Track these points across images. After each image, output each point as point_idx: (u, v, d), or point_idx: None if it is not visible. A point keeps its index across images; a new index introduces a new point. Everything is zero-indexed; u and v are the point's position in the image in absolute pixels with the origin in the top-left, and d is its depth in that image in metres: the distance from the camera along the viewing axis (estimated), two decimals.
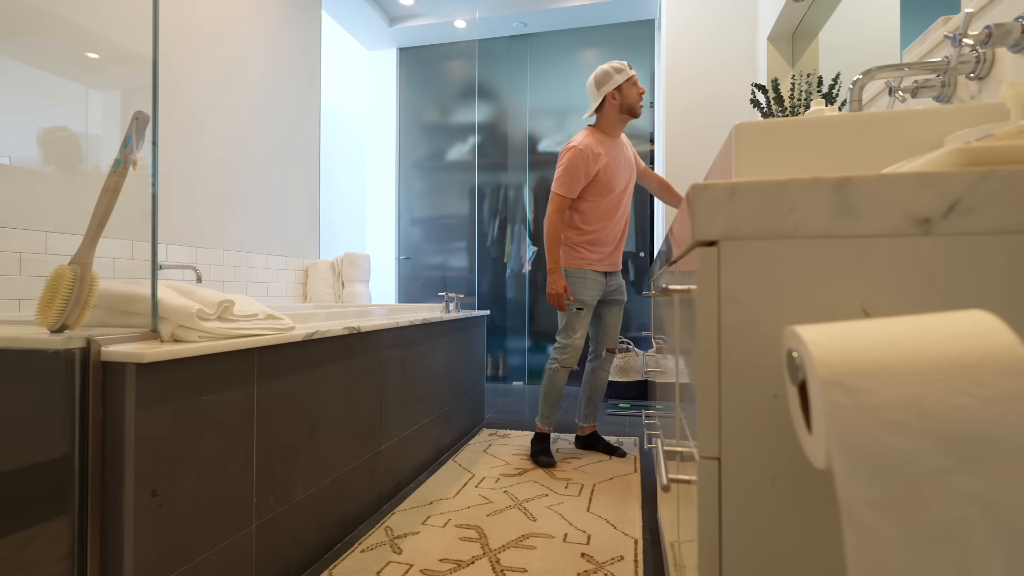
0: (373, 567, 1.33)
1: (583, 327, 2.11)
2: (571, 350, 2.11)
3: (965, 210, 0.38)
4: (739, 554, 0.42)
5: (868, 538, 0.27)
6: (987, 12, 0.89)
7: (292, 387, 1.29)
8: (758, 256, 0.42)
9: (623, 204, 2.12)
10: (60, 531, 0.91)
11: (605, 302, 2.20)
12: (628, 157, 2.12)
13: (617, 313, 2.22)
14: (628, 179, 2.11)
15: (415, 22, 3.81)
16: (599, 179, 2.04)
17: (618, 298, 2.21)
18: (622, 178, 2.08)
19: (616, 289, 2.20)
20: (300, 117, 2.94)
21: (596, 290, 2.12)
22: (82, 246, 1.03)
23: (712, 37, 2.90)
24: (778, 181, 0.42)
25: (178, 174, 2.13)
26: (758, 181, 0.42)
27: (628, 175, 2.11)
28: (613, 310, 2.21)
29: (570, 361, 2.12)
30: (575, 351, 2.11)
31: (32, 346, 0.93)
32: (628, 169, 2.11)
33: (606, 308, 2.20)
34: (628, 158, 2.12)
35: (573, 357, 2.12)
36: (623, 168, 2.08)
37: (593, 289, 2.12)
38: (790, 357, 0.34)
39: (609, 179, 2.05)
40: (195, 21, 2.22)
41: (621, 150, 2.08)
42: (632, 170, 2.13)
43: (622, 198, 2.11)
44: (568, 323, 2.12)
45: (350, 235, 4.04)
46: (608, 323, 2.21)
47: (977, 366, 0.27)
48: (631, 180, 2.13)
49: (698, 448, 0.44)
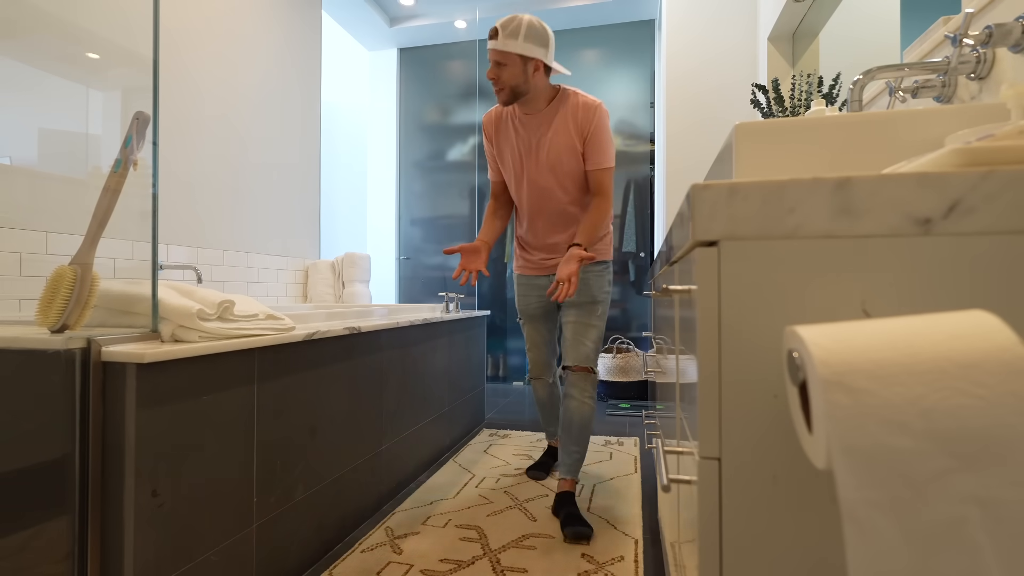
0: (373, 567, 1.33)
1: (530, 339, 1.86)
2: (530, 362, 1.90)
3: (966, 210, 0.38)
4: (739, 554, 0.42)
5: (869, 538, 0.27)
6: (987, 12, 0.89)
7: (292, 387, 1.29)
8: (758, 256, 0.42)
9: (531, 195, 1.68)
10: (60, 531, 0.91)
11: (559, 308, 1.84)
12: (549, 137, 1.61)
13: (571, 321, 1.71)
14: (535, 163, 1.65)
15: (415, 22, 3.81)
16: (498, 157, 1.74)
17: (567, 300, 1.73)
18: (519, 162, 1.67)
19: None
20: (300, 117, 2.94)
21: (529, 296, 1.82)
22: (83, 246, 1.03)
23: (712, 37, 2.90)
24: (778, 181, 0.42)
25: (178, 174, 2.13)
26: (758, 181, 0.42)
27: (537, 158, 1.64)
28: (566, 317, 1.73)
29: (535, 373, 1.90)
30: (532, 363, 1.89)
31: (33, 346, 0.93)
32: (542, 150, 1.62)
33: (561, 315, 1.79)
34: (548, 138, 1.61)
35: (534, 369, 1.89)
36: (526, 148, 1.65)
37: (525, 296, 1.84)
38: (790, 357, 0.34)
39: (503, 163, 1.72)
40: (195, 21, 2.22)
41: (537, 128, 1.62)
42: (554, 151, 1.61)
43: (521, 187, 1.69)
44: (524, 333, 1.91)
45: (350, 235, 4.04)
46: (564, 333, 1.75)
47: (977, 366, 0.27)
48: (543, 165, 1.63)
49: (698, 448, 0.44)
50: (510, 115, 1.67)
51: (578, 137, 1.59)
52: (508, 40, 1.49)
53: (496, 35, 1.50)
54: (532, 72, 1.54)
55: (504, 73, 1.53)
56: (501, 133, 1.70)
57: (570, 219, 1.71)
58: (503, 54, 1.51)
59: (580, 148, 1.61)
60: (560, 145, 1.61)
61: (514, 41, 1.49)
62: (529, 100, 1.59)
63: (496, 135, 1.72)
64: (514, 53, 1.50)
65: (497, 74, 1.53)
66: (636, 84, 3.72)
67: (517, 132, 1.66)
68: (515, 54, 1.50)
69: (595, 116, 1.57)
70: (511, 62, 1.52)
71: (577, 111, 1.59)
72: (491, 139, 1.74)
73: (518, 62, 1.52)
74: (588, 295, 1.71)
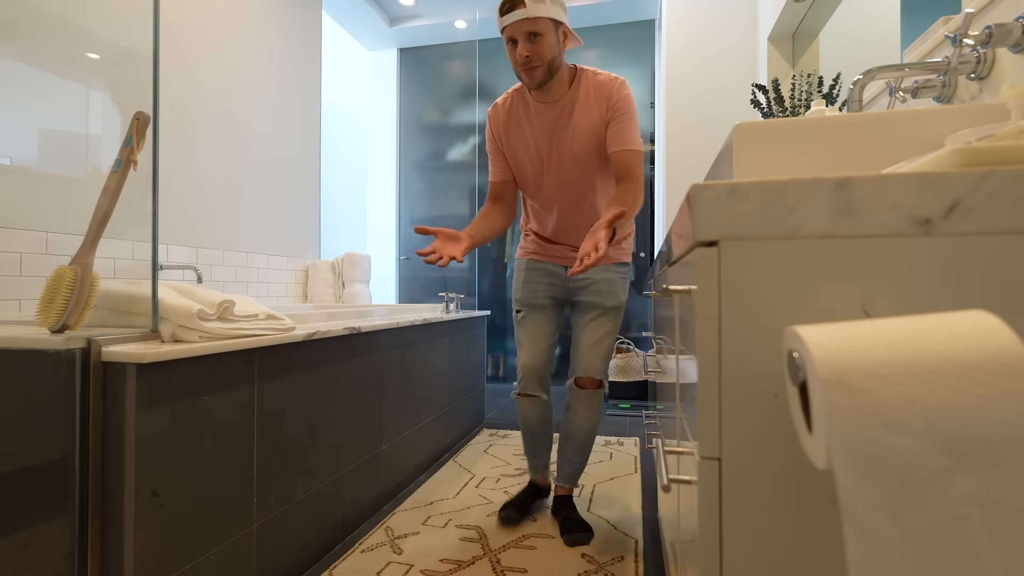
0: (373, 567, 1.33)
1: (528, 338, 1.56)
2: (521, 371, 1.56)
3: (966, 210, 0.38)
4: (739, 554, 0.42)
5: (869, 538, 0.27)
6: (987, 12, 0.89)
7: (292, 387, 1.29)
8: (758, 256, 0.42)
9: (555, 193, 1.49)
10: (61, 531, 0.91)
11: (575, 307, 1.58)
12: (572, 126, 1.42)
13: (590, 323, 1.52)
14: (558, 158, 1.45)
15: (415, 22, 3.81)
16: (508, 155, 1.53)
17: (588, 300, 1.52)
18: (539, 158, 1.47)
19: (585, 288, 1.53)
20: (300, 117, 2.94)
21: (538, 283, 1.57)
22: (83, 246, 1.03)
23: (712, 37, 2.90)
24: (778, 181, 0.42)
25: (179, 174, 2.13)
26: (758, 181, 0.42)
27: (560, 151, 1.44)
28: (584, 318, 1.53)
29: (523, 386, 1.56)
30: (524, 372, 1.55)
31: (33, 346, 0.93)
32: (566, 142, 1.43)
33: (575, 316, 1.58)
34: (571, 127, 1.42)
35: (525, 381, 1.56)
36: (545, 142, 1.45)
37: (532, 283, 1.57)
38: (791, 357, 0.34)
39: (516, 161, 1.51)
40: (195, 22, 2.22)
41: (558, 117, 1.42)
42: (579, 142, 1.42)
43: (541, 186, 1.49)
44: (516, 335, 1.62)
45: (350, 235, 4.04)
46: (577, 337, 1.54)
47: (978, 366, 0.27)
48: (569, 158, 1.44)
49: (698, 448, 0.44)
50: (520, 106, 1.48)
51: (602, 120, 1.40)
52: (538, 4, 1.27)
53: (520, 2, 1.27)
54: (563, 41, 1.36)
55: (541, 46, 1.30)
56: (512, 127, 1.49)
57: (600, 210, 1.51)
58: (536, 21, 1.28)
59: (605, 120, 1.40)
60: (586, 134, 1.40)
61: (543, 4, 1.28)
62: (551, 84, 1.38)
63: (506, 130, 1.50)
64: (547, 18, 1.29)
65: (533, 49, 1.30)
66: (636, 84, 3.72)
67: (532, 125, 1.46)
68: (549, 19, 1.29)
69: (620, 93, 1.38)
70: (546, 30, 1.29)
71: (601, 90, 1.39)
72: (499, 135, 1.52)
73: (552, 29, 1.31)
74: (614, 298, 1.52)
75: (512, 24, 1.30)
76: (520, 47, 1.31)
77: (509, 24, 1.30)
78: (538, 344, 1.56)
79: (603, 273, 1.53)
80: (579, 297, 1.56)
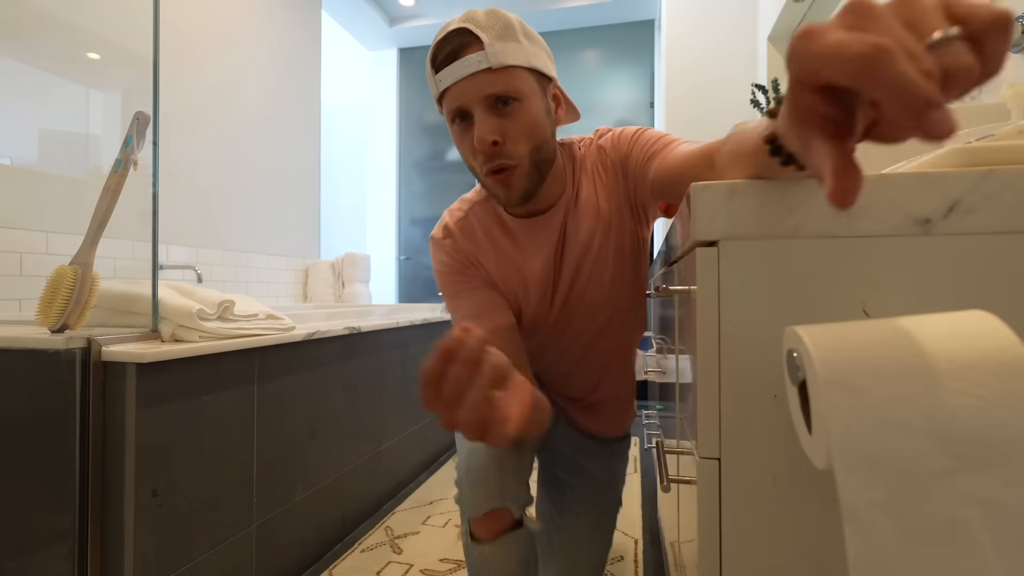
0: (373, 567, 1.33)
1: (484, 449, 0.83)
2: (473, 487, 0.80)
3: (966, 210, 0.38)
4: (739, 554, 0.42)
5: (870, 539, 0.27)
6: None
7: (292, 387, 1.29)
8: (758, 256, 0.42)
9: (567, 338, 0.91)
10: (60, 531, 0.91)
11: (555, 485, 1.05)
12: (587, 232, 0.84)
13: (580, 525, 1.01)
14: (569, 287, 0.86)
15: (415, 22, 3.81)
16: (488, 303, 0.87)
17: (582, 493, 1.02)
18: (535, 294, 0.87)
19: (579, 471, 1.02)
20: (300, 117, 2.94)
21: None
22: (83, 246, 1.03)
23: (712, 37, 2.90)
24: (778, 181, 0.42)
25: (179, 174, 2.13)
26: (758, 181, 0.42)
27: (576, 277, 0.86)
28: (571, 515, 1.01)
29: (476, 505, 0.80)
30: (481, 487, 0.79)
31: (33, 346, 0.93)
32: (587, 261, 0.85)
33: (554, 498, 1.05)
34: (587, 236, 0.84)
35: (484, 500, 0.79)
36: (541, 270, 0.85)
37: None
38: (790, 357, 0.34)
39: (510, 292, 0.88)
40: (196, 21, 2.22)
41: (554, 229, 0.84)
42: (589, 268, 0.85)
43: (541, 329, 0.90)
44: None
45: (350, 235, 4.04)
46: (562, 538, 1.01)
47: (978, 366, 0.27)
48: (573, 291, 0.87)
49: (698, 448, 0.44)
50: (490, 226, 0.87)
51: (628, 203, 0.83)
52: (507, 43, 0.68)
53: (470, 44, 0.68)
54: (555, 108, 0.79)
55: (519, 120, 0.70)
56: (485, 256, 0.88)
57: (632, 348, 0.98)
58: (508, 75, 0.68)
59: (634, 200, 0.83)
60: (608, 246, 0.84)
61: (516, 44, 0.69)
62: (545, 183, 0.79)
63: (480, 258, 0.88)
64: (525, 67, 0.70)
65: (504, 129, 0.70)
66: (636, 84, 3.72)
67: (517, 246, 0.86)
68: (528, 68, 0.71)
69: (636, 141, 0.82)
70: (526, 89, 0.71)
71: (607, 156, 0.84)
72: (466, 269, 0.88)
73: (536, 89, 0.72)
74: (615, 492, 1.06)
75: (461, 84, 0.68)
76: (479, 127, 0.69)
77: (455, 84, 0.69)
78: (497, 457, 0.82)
79: (604, 455, 1.03)
80: (562, 474, 1.03)
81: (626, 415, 1.06)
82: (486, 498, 0.78)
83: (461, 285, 0.87)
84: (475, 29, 0.68)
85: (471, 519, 0.80)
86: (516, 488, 0.81)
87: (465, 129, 0.73)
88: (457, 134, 0.74)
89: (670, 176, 0.71)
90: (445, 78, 0.70)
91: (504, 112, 0.70)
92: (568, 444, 1.03)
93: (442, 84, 0.70)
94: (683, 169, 0.68)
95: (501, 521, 0.79)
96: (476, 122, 0.70)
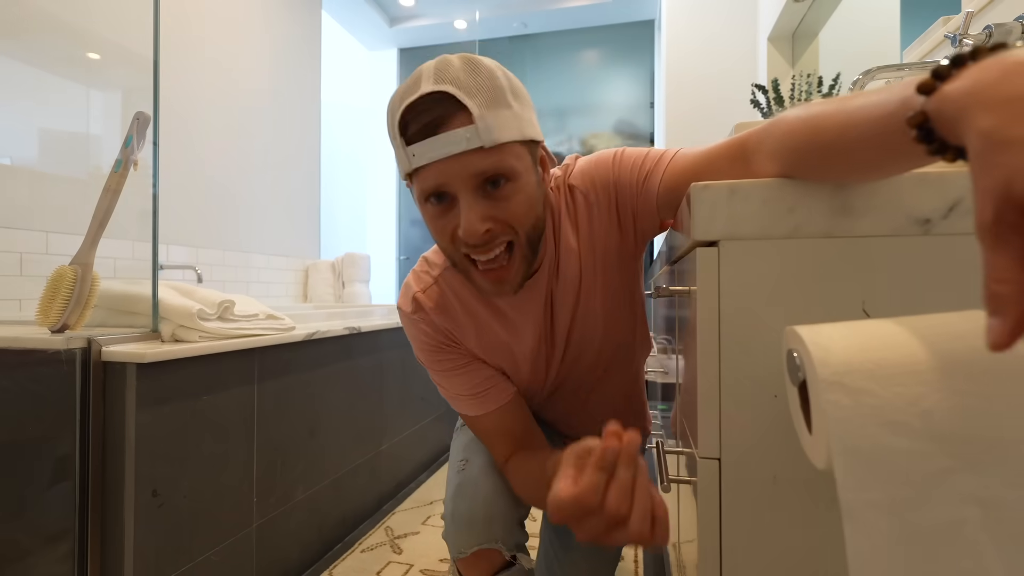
0: (373, 567, 1.33)
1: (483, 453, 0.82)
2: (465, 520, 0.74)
3: (966, 210, 0.38)
4: (739, 554, 0.42)
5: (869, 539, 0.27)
6: (987, 12, 0.89)
7: (292, 387, 1.29)
8: (758, 256, 0.42)
9: (568, 394, 0.86)
10: (60, 531, 0.91)
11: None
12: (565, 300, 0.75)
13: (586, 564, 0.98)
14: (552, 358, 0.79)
15: (415, 23, 3.81)
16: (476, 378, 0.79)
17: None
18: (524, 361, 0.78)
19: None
20: (300, 117, 2.94)
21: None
22: (83, 246, 1.03)
23: (712, 37, 2.90)
24: (778, 181, 0.42)
25: (179, 174, 2.13)
26: (758, 181, 0.42)
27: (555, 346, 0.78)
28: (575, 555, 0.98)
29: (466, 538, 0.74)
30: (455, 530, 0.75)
31: (33, 346, 0.93)
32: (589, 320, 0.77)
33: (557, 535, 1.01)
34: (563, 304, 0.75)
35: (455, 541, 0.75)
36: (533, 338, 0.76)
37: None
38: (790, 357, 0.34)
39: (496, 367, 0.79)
40: (195, 22, 2.22)
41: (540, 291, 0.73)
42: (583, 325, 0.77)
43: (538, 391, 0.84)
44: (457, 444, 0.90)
45: (350, 235, 4.04)
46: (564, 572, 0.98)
47: (977, 366, 0.27)
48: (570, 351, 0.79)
49: (698, 448, 0.44)
50: (463, 296, 0.76)
51: (618, 221, 0.72)
52: (499, 114, 0.58)
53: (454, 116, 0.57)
54: (543, 174, 0.68)
55: (513, 204, 0.61)
56: (463, 331, 0.77)
57: (639, 375, 0.91)
58: (497, 153, 0.58)
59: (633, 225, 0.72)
60: (599, 278, 0.74)
61: (508, 113, 0.59)
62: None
63: (459, 336, 0.78)
64: (518, 142, 0.60)
65: (495, 214, 0.60)
66: (636, 84, 3.72)
67: (502, 322, 0.75)
68: (520, 142, 0.61)
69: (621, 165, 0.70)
70: (519, 166, 0.61)
71: (579, 194, 0.73)
72: (447, 348, 0.78)
73: (528, 163, 0.62)
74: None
75: (444, 162, 0.57)
76: (467, 215, 0.59)
77: (434, 163, 0.58)
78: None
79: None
80: None
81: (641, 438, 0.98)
82: (473, 539, 0.73)
83: (445, 364, 0.77)
84: (459, 95, 0.56)
85: (456, 560, 0.76)
86: (506, 529, 0.74)
87: (444, 212, 0.61)
88: (432, 216, 0.62)
89: (686, 182, 0.61)
90: (421, 153, 0.57)
91: (494, 195, 0.59)
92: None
93: (416, 160, 0.58)
94: (701, 170, 0.61)
95: (490, 561, 0.74)
96: (462, 208, 0.58)
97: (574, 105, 3.83)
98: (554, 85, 3.85)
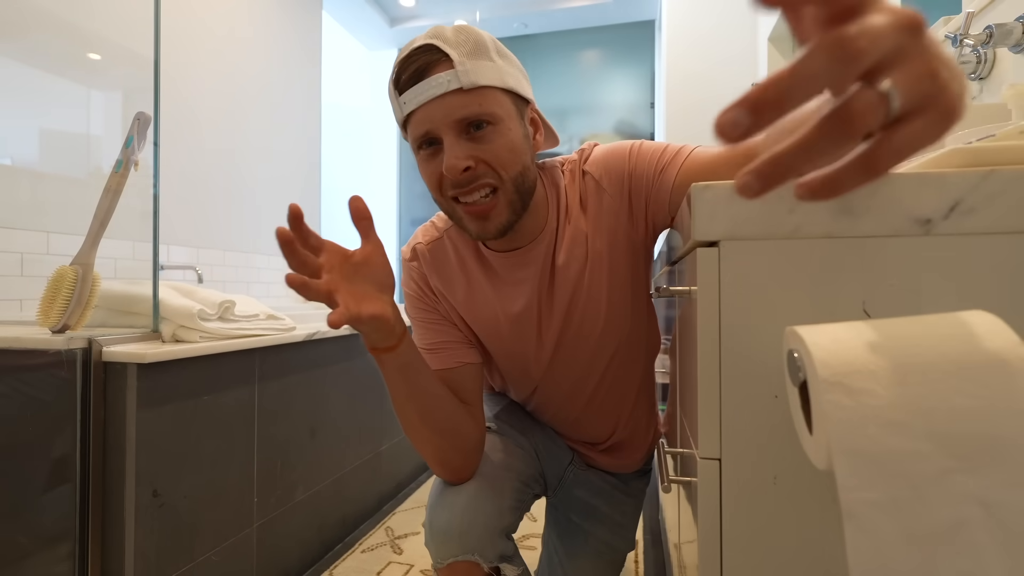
0: (374, 567, 1.33)
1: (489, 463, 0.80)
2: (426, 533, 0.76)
3: (966, 211, 0.38)
4: (739, 554, 0.42)
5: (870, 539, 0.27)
6: (988, 12, 0.89)
7: (293, 387, 1.29)
8: (759, 256, 0.42)
9: (564, 383, 0.84)
10: (61, 531, 0.91)
11: (564, 527, 0.99)
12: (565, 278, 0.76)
13: (604, 540, 0.96)
14: (545, 341, 0.80)
15: (416, 23, 3.82)
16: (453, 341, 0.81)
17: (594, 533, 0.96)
18: (519, 335, 0.79)
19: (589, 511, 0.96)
20: (301, 117, 2.94)
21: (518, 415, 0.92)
22: (84, 247, 1.03)
23: (712, 38, 2.90)
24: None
25: (179, 175, 2.13)
26: None
27: (551, 328, 0.79)
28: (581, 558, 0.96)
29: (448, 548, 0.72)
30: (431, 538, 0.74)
31: (34, 346, 0.93)
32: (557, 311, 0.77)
33: (562, 538, 0.99)
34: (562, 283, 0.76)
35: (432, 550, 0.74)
36: (524, 310, 0.77)
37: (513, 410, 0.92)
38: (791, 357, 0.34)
39: (478, 328, 0.81)
40: (196, 22, 2.22)
41: (541, 262, 0.76)
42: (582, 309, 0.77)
43: (530, 374, 0.84)
44: None
45: (350, 236, 4.04)
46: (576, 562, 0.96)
47: (979, 366, 0.27)
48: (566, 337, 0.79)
49: (698, 449, 0.44)
50: (466, 258, 0.79)
51: (630, 212, 0.74)
52: (479, 63, 0.64)
53: (437, 63, 0.63)
54: (534, 133, 0.72)
55: (495, 145, 0.64)
56: (454, 287, 0.80)
57: (648, 374, 0.91)
58: (481, 95, 0.63)
59: (645, 217, 0.73)
60: (606, 268, 0.75)
61: (489, 63, 0.65)
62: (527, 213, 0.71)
63: (446, 290, 0.80)
64: (500, 88, 0.65)
65: (478, 154, 0.63)
66: (636, 84, 3.72)
67: (493, 282, 0.78)
68: (502, 89, 0.65)
69: (639, 155, 0.73)
70: (502, 111, 0.65)
71: (593, 182, 0.75)
72: (430, 299, 0.81)
73: (512, 112, 0.66)
74: (629, 535, 1.00)
75: (428, 107, 0.63)
76: (448, 153, 0.63)
77: (421, 107, 0.63)
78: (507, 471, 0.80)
79: (620, 496, 0.97)
80: (575, 518, 0.95)
81: (651, 443, 0.98)
82: (447, 550, 0.72)
83: (419, 314, 0.82)
84: (443, 46, 0.63)
85: (435, 568, 0.75)
86: (484, 540, 0.72)
87: (432, 156, 0.66)
88: (423, 162, 0.67)
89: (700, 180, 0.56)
90: (410, 100, 0.64)
91: (476, 136, 0.64)
92: (583, 487, 0.95)
93: (407, 107, 0.64)
94: (717, 171, 0.64)
95: (468, 573, 0.73)
96: (445, 148, 0.63)
97: (574, 105, 3.83)
98: (554, 85, 3.85)
